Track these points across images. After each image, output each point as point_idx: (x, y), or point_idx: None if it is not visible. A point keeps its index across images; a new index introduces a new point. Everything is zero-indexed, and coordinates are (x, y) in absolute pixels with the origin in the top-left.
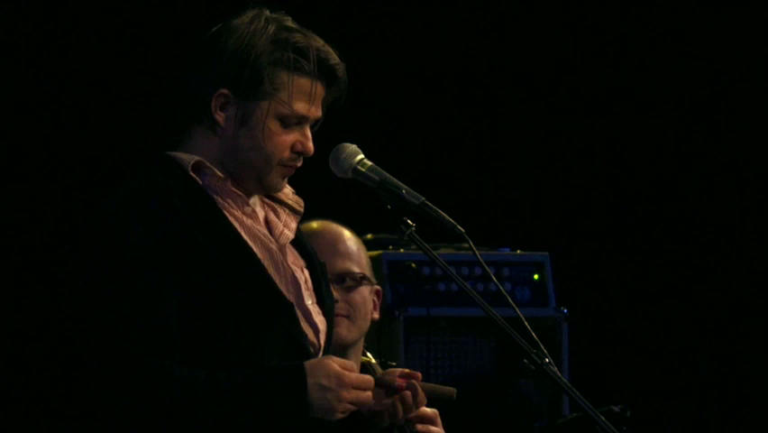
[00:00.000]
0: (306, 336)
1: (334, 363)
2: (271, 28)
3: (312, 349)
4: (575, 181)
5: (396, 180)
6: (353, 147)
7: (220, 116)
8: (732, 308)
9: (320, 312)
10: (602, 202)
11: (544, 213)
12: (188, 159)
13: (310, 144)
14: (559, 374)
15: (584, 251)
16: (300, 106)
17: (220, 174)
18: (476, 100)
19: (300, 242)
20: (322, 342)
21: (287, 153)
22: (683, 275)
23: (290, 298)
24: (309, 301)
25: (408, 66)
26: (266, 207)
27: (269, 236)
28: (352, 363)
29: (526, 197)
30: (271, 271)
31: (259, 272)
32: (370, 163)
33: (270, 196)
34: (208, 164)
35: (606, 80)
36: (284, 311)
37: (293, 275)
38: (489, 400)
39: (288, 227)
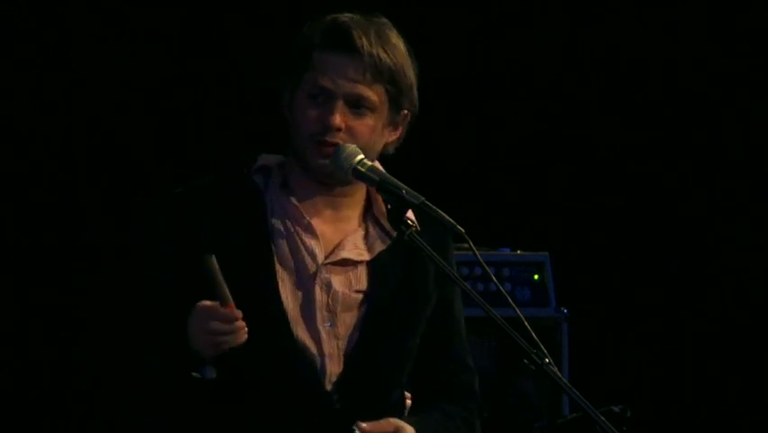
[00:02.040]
0: (305, 354)
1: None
2: (328, 17)
3: (320, 370)
4: (575, 181)
5: (396, 180)
6: (353, 147)
7: (286, 113)
8: (733, 308)
9: (335, 336)
10: (602, 202)
11: (544, 213)
12: (260, 162)
13: (331, 117)
14: (559, 374)
15: (584, 251)
16: (323, 80)
17: (277, 182)
18: (476, 100)
19: (393, 267)
20: (330, 367)
21: (314, 127)
22: (684, 275)
23: (292, 313)
24: (327, 324)
25: None
26: (367, 225)
27: (315, 251)
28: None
29: (526, 197)
30: (286, 286)
31: (261, 283)
32: (370, 163)
33: (378, 218)
34: (276, 170)
35: (607, 80)
36: (271, 324)
37: (313, 295)
38: (489, 400)
39: (369, 249)
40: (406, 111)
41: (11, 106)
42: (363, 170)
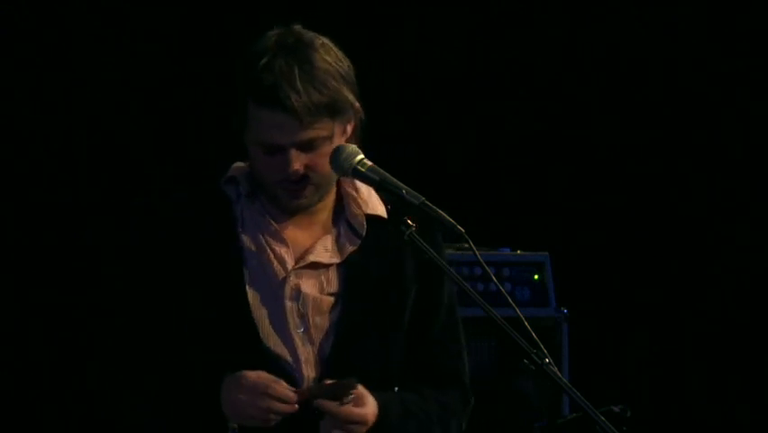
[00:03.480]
0: (279, 362)
1: (250, 374)
2: (255, 63)
3: (296, 375)
4: (575, 181)
5: (396, 180)
6: (353, 147)
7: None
8: (733, 308)
9: (309, 341)
10: (602, 202)
11: (544, 213)
12: (229, 173)
13: (289, 168)
14: (559, 374)
15: (584, 251)
16: (269, 136)
17: (244, 191)
18: (476, 100)
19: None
20: (306, 371)
21: (276, 177)
22: (684, 275)
23: (263, 323)
24: (300, 329)
25: (408, 65)
26: (339, 227)
27: (284, 258)
28: (274, 379)
29: (526, 197)
30: (257, 296)
31: (231, 296)
32: (369, 163)
33: (349, 220)
34: (242, 179)
35: (607, 80)
36: (242, 336)
37: (282, 301)
38: (489, 400)
39: (340, 251)
40: (354, 106)
41: (11, 106)
42: (363, 170)
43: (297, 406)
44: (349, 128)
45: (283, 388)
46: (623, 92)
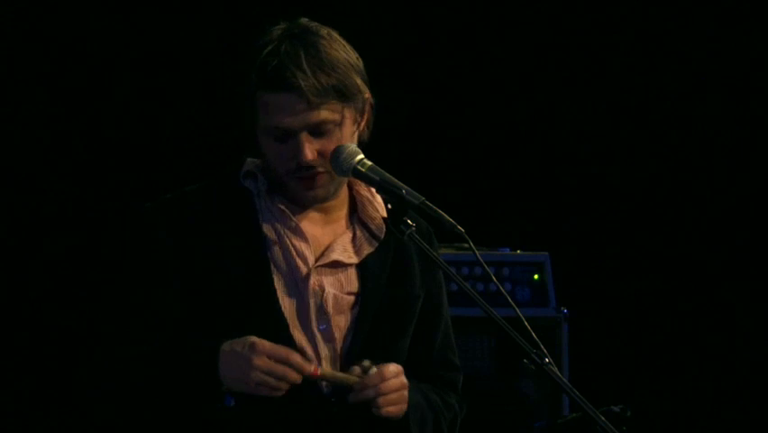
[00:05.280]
0: (303, 354)
1: (265, 341)
2: (260, 51)
3: None
4: (575, 181)
5: (396, 180)
6: (353, 147)
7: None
8: (732, 308)
9: (329, 338)
10: (602, 202)
11: (544, 213)
12: (246, 167)
13: (302, 154)
14: (559, 374)
15: (584, 251)
16: (278, 121)
17: (264, 187)
18: (476, 99)
19: (381, 266)
20: (327, 368)
21: (289, 165)
22: (684, 275)
23: (289, 317)
24: (321, 326)
25: (408, 64)
26: (354, 228)
27: (305, 254)
28: (282, 347)
29: (526, 197)
30: (281, 289)
31: (259, 287)
32: (369, 163)
33: (364, 221)
34: (259, 175)
35: (606, 80)
36: (270, 328)
37: (306, 298)
38: (489, 400)
39: (357, 252)
40: (365, 96)
41: (11, 106)
42: (363, 170)
43: (300, 377)
44: (362, 119)
45: (301, 358)
46: (622, 92)
